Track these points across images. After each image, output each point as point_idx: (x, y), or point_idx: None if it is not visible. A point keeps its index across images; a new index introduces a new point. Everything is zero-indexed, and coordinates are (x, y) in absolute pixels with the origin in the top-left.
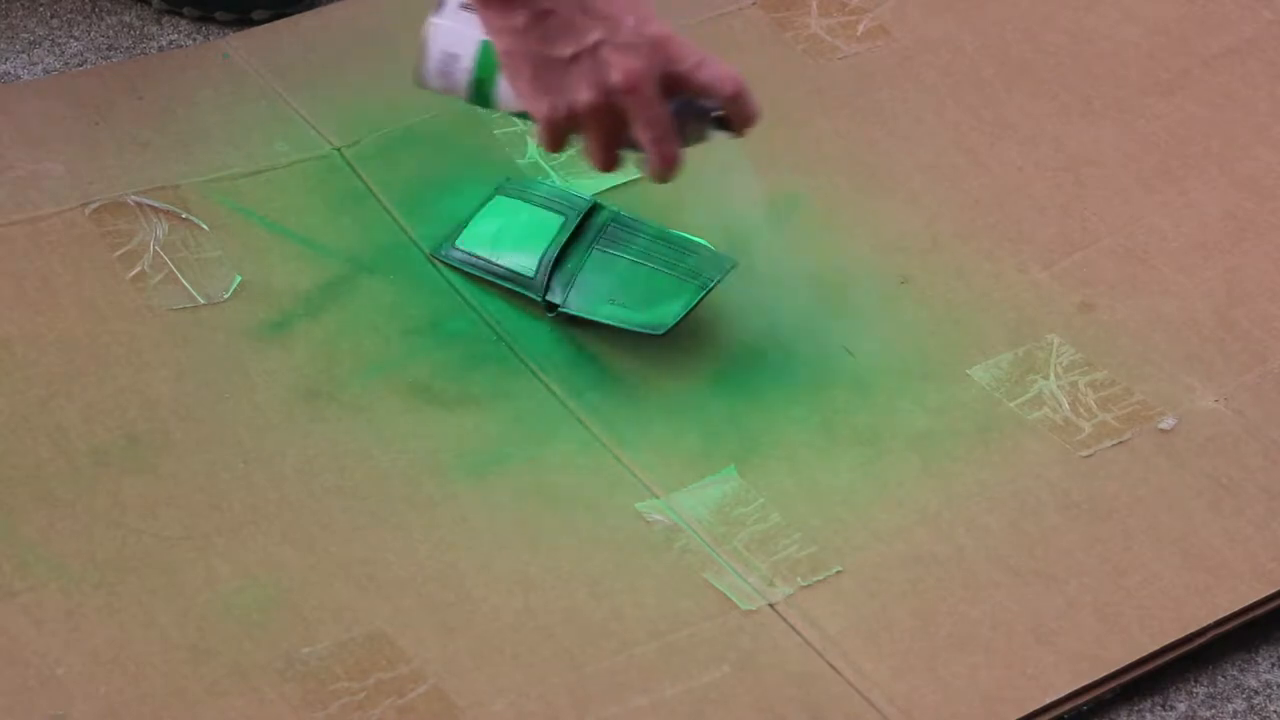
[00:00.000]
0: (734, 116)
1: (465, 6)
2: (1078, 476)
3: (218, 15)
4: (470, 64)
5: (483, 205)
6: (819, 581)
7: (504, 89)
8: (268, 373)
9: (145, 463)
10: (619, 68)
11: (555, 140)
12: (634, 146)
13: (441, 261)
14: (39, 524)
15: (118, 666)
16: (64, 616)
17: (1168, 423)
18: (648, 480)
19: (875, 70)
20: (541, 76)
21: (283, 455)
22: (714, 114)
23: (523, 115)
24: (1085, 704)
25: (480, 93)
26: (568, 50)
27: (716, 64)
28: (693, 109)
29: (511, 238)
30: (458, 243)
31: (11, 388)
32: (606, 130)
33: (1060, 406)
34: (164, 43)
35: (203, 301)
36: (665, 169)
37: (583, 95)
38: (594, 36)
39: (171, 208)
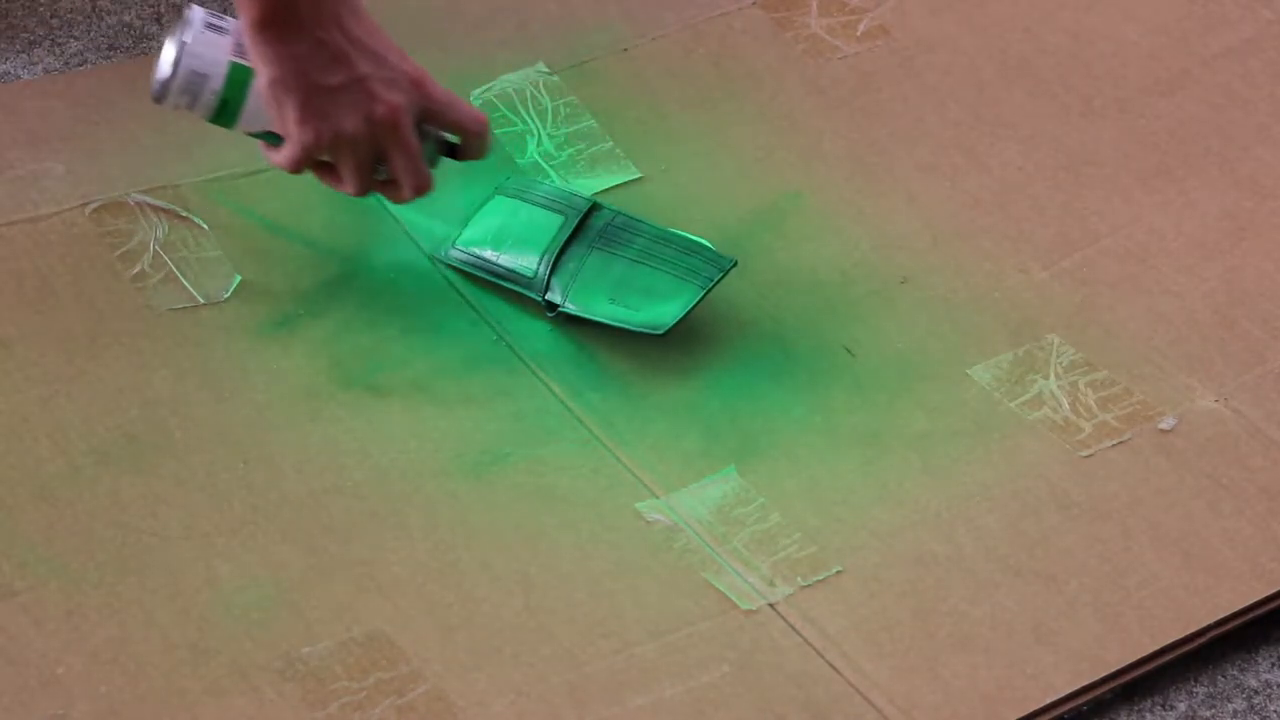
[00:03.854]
0: (470, 149)
1: (211, 27)
2: (1078, 476)
3: None
4: (219, 85)
5: (483, 205)
6: (819, 581)
7: (250, 111)
8: (268, 373)
9: (145, 462)
10: (383, 101)
11: (304, 164)
12: (380, 174)
13: (441, 261)
14: (39, 523)
15: (118, 666)
16: (64, 616)
17: (1168, 423)
18: (648, 480)
19: (875, 70)
20: (311, 104)
21: (283, 455)
22: (448, 146)
23: (262, 136)
24: (1085, 704)
25: (224, 113)
26: (337, 79)
27: (462, 104)
28: (435, 140)
29: (511, 237)
30: (458, 243)
31: (11, 387)
32: (362, 157)
33: (1060, 406)
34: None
35: (203, 301)
36: (417, 194)
37: (348, 124)
38: (362, 69)
39: (171, 207)
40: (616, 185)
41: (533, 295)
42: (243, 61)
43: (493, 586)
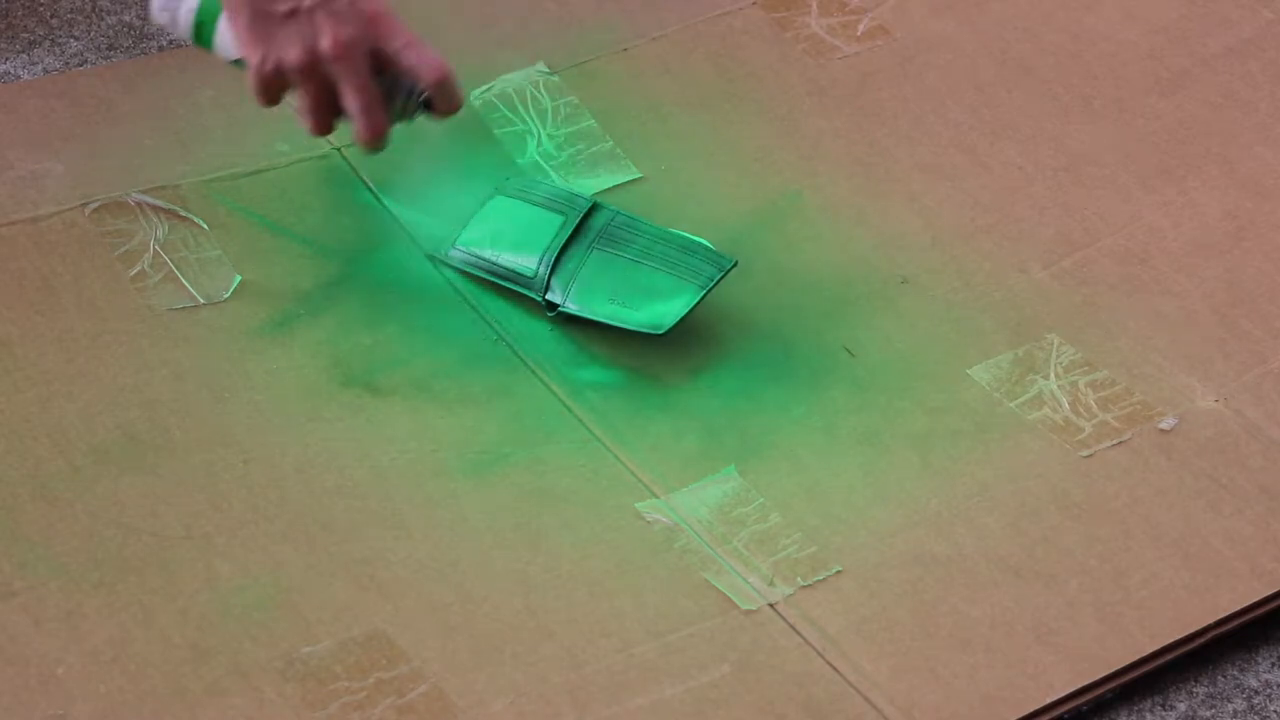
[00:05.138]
0: (438, 101)
1: None
2: (1078, 476)
3: None
4: (194, 4)
5: (483, 205)
6: (819, 581)
7: (222, 35)
8: (268, 373)
9: (145, 462)
10: (329, 34)
11: (265, 92)
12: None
13: (441, 261)
14: (39, 523)
15: (117, 666)
16: (64, 616)
17: (1168, 423)
18: (648, 480)
19: (875, 70)
20: (256, 27)
21: (283, 455)
22: (421, 96)
23: (238, 64)
24: (1085, 704)
25: (200, 35)
26: (284, 7)
27: (424, 49)
28: (401, 87)
29: (511, 237)
30: (458, 242)
31: (11, 387)
32: (315, 93)
33: (1060, 406)
34: (164, 42)
35: (203, 301)
36: (371, 139)
37: (291, 53)
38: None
39: (171, 207)
40: (617, 185)
41: (533, 295)
42: None
43: (493, 586)
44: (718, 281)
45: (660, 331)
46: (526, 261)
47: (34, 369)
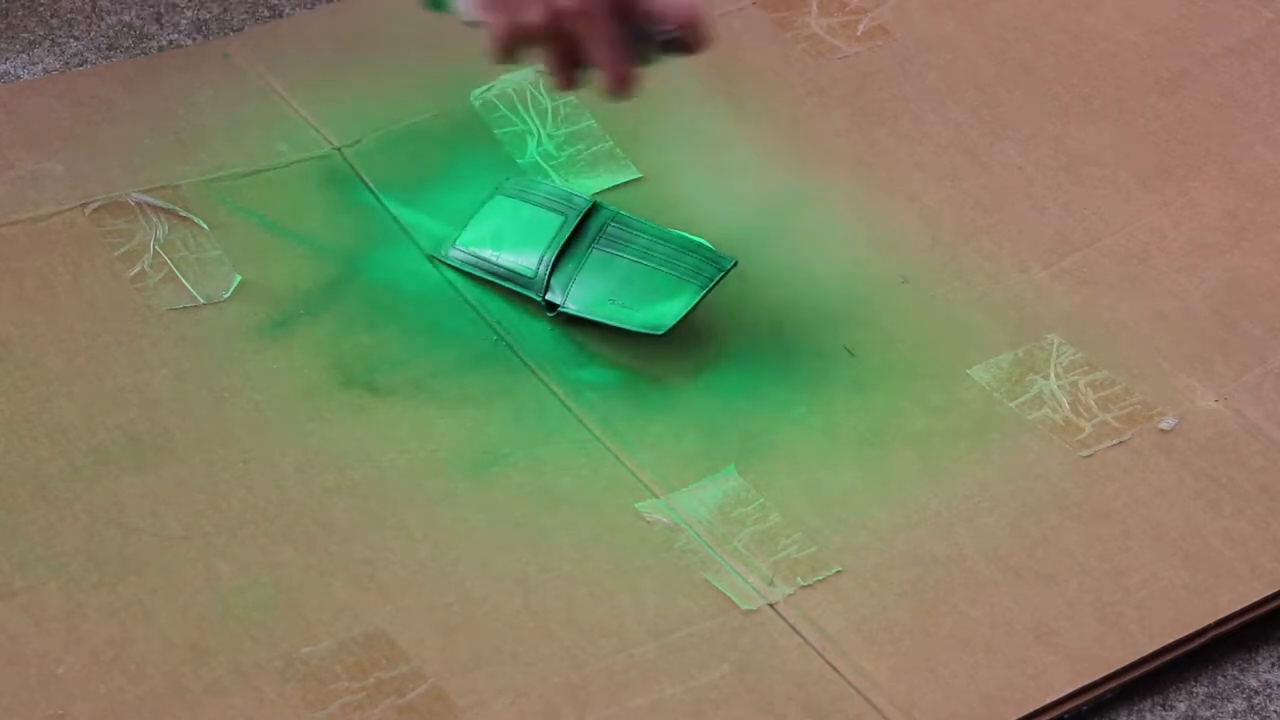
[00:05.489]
0: (689, 40)
1: None
2: (1078, 476)
3: None
4: None
5: (483, 205)
6: (819, 581)
7: None
8: (268, 373)
9: (145, 462)
10: None
11: (505, 53)
12: (590, 66)
13: (441, 261)
14: (39, 523)
15: (118, 666)
16: (64, 616)
17: (1168, 423)
18: (648, 480)
19: (875, 70)
20: None
21: (283, 455)
22: (666, 37)
23: (477, 25)
24: (1085, 704)
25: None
26: None
27: None
28: (643, 33)
29: (511, 237)
30: (458, 242)
31: (11, 387)
32: (559, 50)
33: (1060, 406)
34: (164, 42)
35: (203, 301)
36: (621, 88)
37: (531, 15)
38: None
39: (171, 207)
40: (617, 185)
41: (533, 295)
42: None
43: (493, 586)
44: (718, 281)
45: (660, 331)
46: (526, 261)
47: (34, 369)
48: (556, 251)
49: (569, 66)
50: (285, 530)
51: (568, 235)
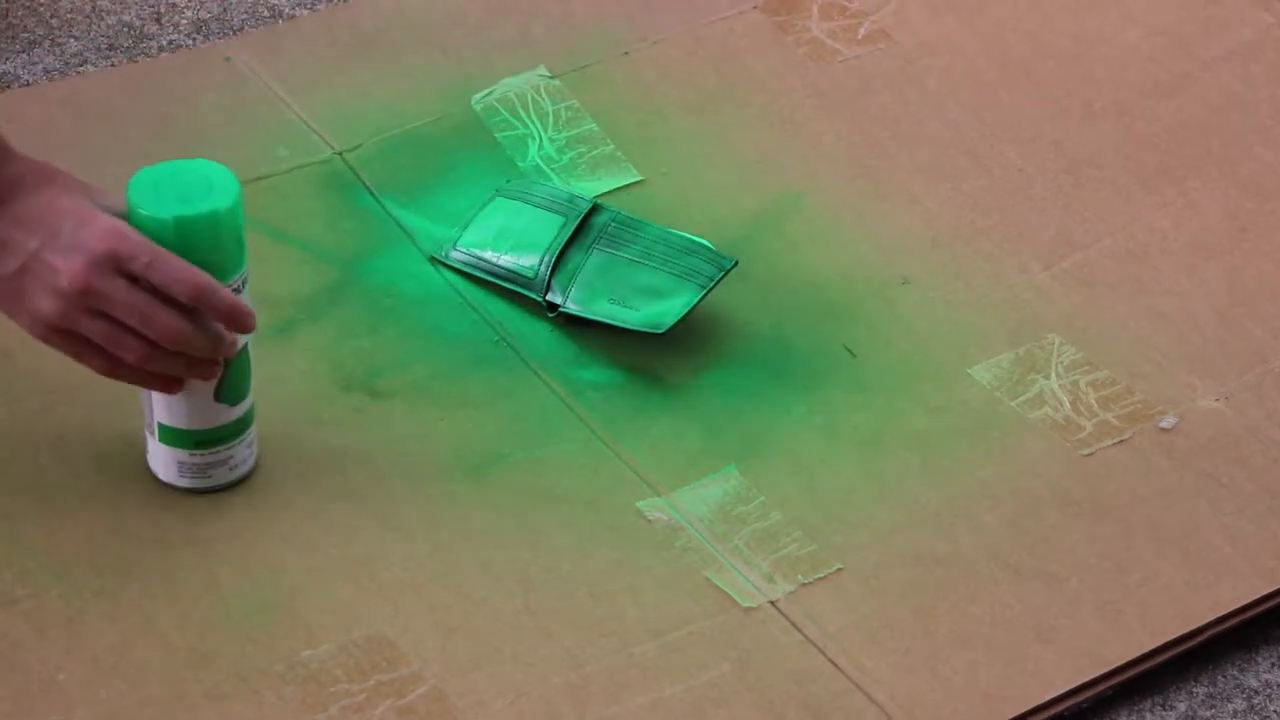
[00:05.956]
0: (213, 317)
1: None
2: (1078, 475)
3: None
4: None
5: (483, 207)
6: (819, 579)
7: None
8: (268, 376)
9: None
10: (64, 271)
11: (64, 348)
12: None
13: (442, 263)
14: (40, 530)
15: (118, 672)
16: (65, 622)
17: (1168, 422)
18: (648, 479)
19: (876, 73)
20: (3, 296)
21: (284, 459)
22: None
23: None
24: (1085, 702)
25: None
26: (12, 266)
27: (171, 265)
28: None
29: (512, 239)
30: (459, 244)
31: (13, 395)
32: (97, 329)
33: (1061, 405)
34: (164, 43)
35: None
36: (171, 342)
37: (44, 304)
38: (32, 246)
39: None
40: (618, 188)
41: (533, 296)
42: None
43: (493, 587)
44: (718, 281)
45: (660, 331)
46: (527, 262)
47: (35, 377)
48: (557, 252)
49: (104, 351)
50: (285, 533)
51: (568, 236)
